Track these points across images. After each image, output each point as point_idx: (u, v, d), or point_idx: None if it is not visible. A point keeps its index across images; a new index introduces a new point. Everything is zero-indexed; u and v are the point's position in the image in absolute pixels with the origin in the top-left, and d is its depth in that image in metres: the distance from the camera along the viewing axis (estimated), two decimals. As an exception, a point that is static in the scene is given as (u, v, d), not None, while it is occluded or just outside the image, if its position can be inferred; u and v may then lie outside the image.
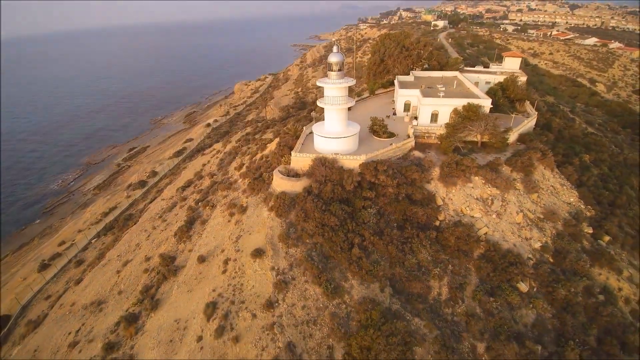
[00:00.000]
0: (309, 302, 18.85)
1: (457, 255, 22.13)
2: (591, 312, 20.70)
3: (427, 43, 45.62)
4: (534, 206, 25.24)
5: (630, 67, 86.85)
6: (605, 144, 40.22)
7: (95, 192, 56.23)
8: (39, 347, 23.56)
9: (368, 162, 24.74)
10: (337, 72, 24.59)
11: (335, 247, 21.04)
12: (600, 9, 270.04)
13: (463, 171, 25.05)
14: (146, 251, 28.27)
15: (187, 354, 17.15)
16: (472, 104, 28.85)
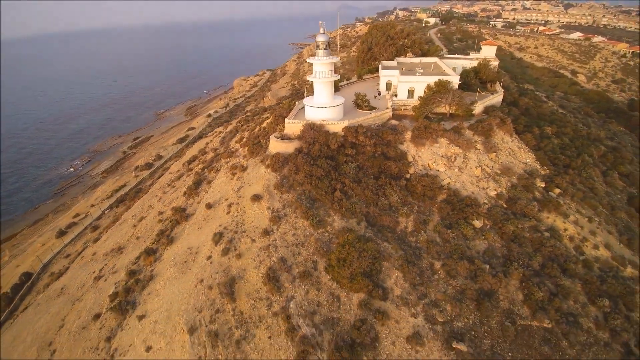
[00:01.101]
0: (298, 231, 23.26)
1: (422, 200, 26.65)
2: (536, 244, 25.11)
3: (410, 33, 50.36)
4: (492, 163, 29.80)
5: (611, 59, 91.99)
6: (570, 121, 44.93)
7: (104, 175, 60.55)
8: (65, 286, 27.82)
9: (350, 126, 29.29)
10: (323, 50, 29.17)
11: (321, 192, 25.49)
12: (594, 8, 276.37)
13: (431, 133, 29.66)
14: (159, 209, 32.66)
15: (199, 268, 21.49)
16: (442, 80, 33.60)
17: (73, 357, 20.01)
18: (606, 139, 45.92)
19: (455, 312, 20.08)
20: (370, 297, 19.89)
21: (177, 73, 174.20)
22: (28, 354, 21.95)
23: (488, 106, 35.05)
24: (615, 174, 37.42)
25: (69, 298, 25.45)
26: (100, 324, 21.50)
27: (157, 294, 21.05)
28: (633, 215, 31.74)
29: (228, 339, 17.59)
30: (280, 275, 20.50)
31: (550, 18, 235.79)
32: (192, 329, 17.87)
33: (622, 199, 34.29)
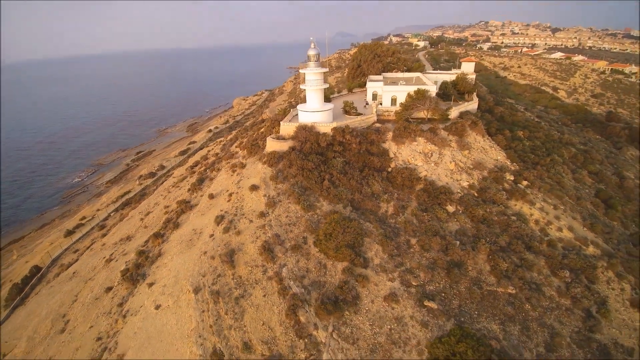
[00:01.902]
0: (291, 213, 26.81)
1: (402, 189, 30.44)
2: (503, 226, 28.56)
3: (396, 51, 56.69)
4: (465, 159, 33.94)
5: (590, 76, 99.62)
6: (543, 127, 49.78)
7: (108, 185, 64.29)
8: (76, 271, 30.69)
9: (338, 127, 33.73)
10: (314, 62, 34.31)
11: (311, 182, 29.31)
12: (580, 32, 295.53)
13: (410, 133, 34.07)
14: (165, 204, 36.18)
15: (203, 244, 24.76)
16: (420, 89, 38.64)
17: (87, 323, 22.68)
18: (579, 144, 50.60)
19: (428, 277, 23.22)
20: (352, 265, 23.09)
21: (179, 94, 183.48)
22: (42, 326, 24.49)
23: (463, 112, 39.84)
24: (584, 172, 41.56)
25: (81, 279, 28.29)
26: (112, 294, 24.35)
27: (165, 266, 24.16)
28: (598, 205, 35.39)
29: (228, 296, 20.63)
30: (274, 247, 23.83)
31: (537, 42, 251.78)
32: (197, 289, 20.94)
33: (590, 192, 38.11)
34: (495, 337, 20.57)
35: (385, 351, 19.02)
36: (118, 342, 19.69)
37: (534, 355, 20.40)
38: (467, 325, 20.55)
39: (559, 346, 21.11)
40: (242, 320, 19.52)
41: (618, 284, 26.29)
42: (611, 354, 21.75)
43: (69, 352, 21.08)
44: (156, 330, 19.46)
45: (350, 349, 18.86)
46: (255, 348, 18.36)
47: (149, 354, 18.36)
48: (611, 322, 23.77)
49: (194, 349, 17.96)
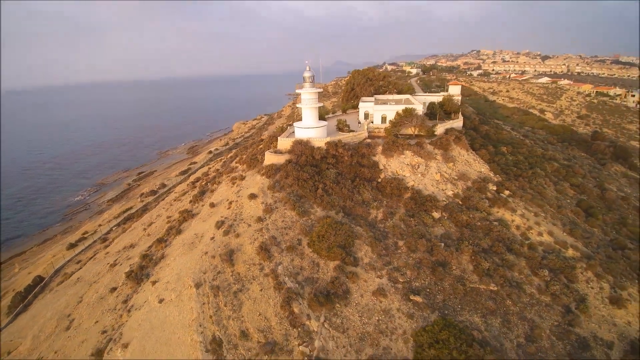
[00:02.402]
0: (287, 218, 29.25)
1: (391, 197, 33.11)
2: (486, 230, 30.90)
3: (387, 75, 62.00)
4: (450, 171, 36.97)
5: (576, 99, 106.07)
6: (527, 144, 53.45)
7: (110, 203, 66.62)
8: (80, 277, 32.33)
9: (331, 142, 37.08)
10: (309, 83, 38.48)
11: (306, 190, 32.05)
12: (569, 59, 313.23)
13: (398, 147, 37.41)
14: (167, 215, 38.48)
15: (204, 245, 26.92)
16: (408, 107, 42.67)
17: (92, 320, 24.17)
18: (562, 160, 54.03)
19: (414, 275, 25.22)
20: (343, 264, 25.18)
21: (179, 119, 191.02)
22: (47, 325, 25.83)
23: (448, 129, 43.52)
24: (566, 184, 44.48)
25: (86, 283, 29.90)
26: (117, 293, 26.02)
27: (168, 266, 26.11)
28: (579, 214, 37.85)
29: (227, 291, 22.56)
30: (270, 248, 26.03)
31: (527, 68, 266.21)
32: (198, 285, 22.89)
33: (572, 202, 40.73)
34: (477, 328, 22.25)
35: (373, 339, 20.68)
36: (123, 333, 21.29)
37: (514, 345, 21.98)
38: (451, 317, 22.31)
39: (539, 337, 22.71)
40: (240, 311, 21.34)
41: (597, 283, 28.17)
42: (590, 346, 23.27)
43: (75, 345, 22.46)
44: (159, 321, 21.19)
45: (341, 337, 20.54)
46: (252, 336, 20.07)
47: (152, 342, 20.00)
48: (590, 317, 25.44)
49: (194, 336, 19.66)
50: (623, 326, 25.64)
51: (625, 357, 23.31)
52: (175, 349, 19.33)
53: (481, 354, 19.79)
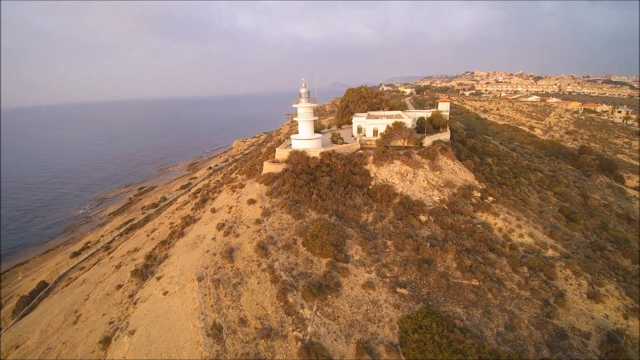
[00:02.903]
0: (283, 221, 31.68)
1: (381, 202, 35.70)
2: (469, 232, 33.25)
3: (379, 93, 66.44)
4: (437, 179, 39.85)
5: (564, 116, 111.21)
6: (512, 156, 56.75)
7: (111, 216, 68.62)
8: (86, 279, 34.08)
9: (325, 152, 40.23)
10: (305, 98, 42.19)
11: (302, 196, 34.69)
12: (562, 79, 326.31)
13: (388, 157, 40.50)
14: (170, 221, 40.70)
15: (206, 245, 29.13)
16: (397, 121, 46.27)
17: (99, 313, 25.86)
18: (547, 171, 57.14)
19: (401, 271, 27.34)
20: (335, 260, 27.36)
21: (179, 137, 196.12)
22: (55, 320, 27.34)
23: (436, 141, 46.92)
24: (549, 192, 47.25)
25: (92, 283, 31.63)
26: (123, 289, 27.81)
27: (172, 264, 28.15)
28: (560, 219, 40.32)
29: (227, 283, 24.62)
30: (268, 246, 28.29)
31: (519, 88, 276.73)
32: (200, 278, 24.97)
33: (554, 209, 43.30)
34: (459, 318, 24.15)
35: (361, 326, 22.57)
36: (129, 322, 23.06)
37: (494, 333, 23.79)
38: (434, 307, 24.27)
39: (518, 327, 24.55)
40: (238, 301, 23.34)
41: (575, 280, 30.18)
42: (568, 336, 25.04)
43: (82, 335, 24.04)
44: (164, 310, 23.08)
45: (332, 324, 22.44)
46: (250, 322, 21.98)
47: (157, 328, 21.82)
48: (568, 310, 27.32)
49: (196, 322, 21.56)
50: (601, 319, 27.45)
51: (602, 346, 25.04)
52: (179, 334, 21.18)
53: (462, 339, 21.66)
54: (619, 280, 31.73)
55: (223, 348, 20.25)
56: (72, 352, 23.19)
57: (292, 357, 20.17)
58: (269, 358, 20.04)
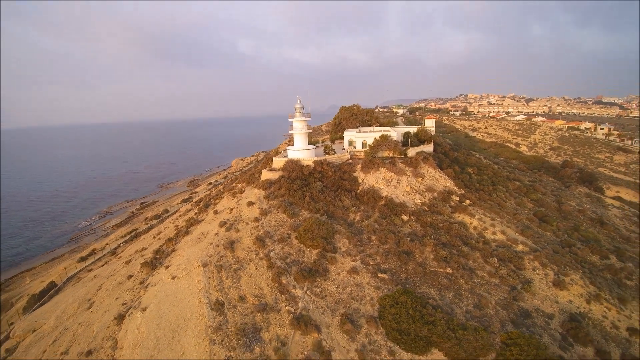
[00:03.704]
0: (279, 219, 35.59)
1: (367, 204, 39.79)
2: (447, 229, 37.13)
3: (370, 111, 72.35)
4: (419, 184, 44.23)
5: (549, 133, 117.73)
6: (493, 167, 61.53)
7: (114, 228, 71.78)
8: (96, 275, 37.17)
9: (318, 161, 44.86)
10: (299, 113, 47.45)
11: (296, 198, 38.83)
12: (553, 100, 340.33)
13: (374, 165, 45.10)
14: (175, 224, 44.30)
15: (209, 239, 32.79)
16: (384, 134, 51.41)
17: (112, 297, 28.94)
18: (526, 181, 61.70)
19: (383, 260, 30.96)
20: (324, 251, 31.03)
21: (179, 156, 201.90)
22: (70, 307, 30.28)
23: (419, 152, 51.80)
24: (525, 199, 51.47)
25: (103, 277, 34.76)
26: (134, 278, 31.04)
27: (179, 255, 31.64)
28: (534, 220, 44.27)
29: (228, 268, 28.16)
30: (265, 239, 32.03)
31: (510, 110, 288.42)
32: (205, 264, 28.52)
33: (529, 213, 47.32)
34: (433, 298, 27.56)
35: (346, 303, 25.97)
36: (141, 302, 26.29)
37: (464, 311, 27.11)
38: (410, 289, 27.73)
39: (485, 306, 27.90)
40: (238, 282, 26.82)
41: (542, 271, 33.73)
42: (532, 316, 28.31)
43: (97, 316, 27.04)
44: (172, 291, 26.45)
45: (319, 301, 25.84)
46: (248, 299, 25.39)
47: (167, 305, 25.13)
48: (534, 295, 30.72)
49: (201, 299, 24.95)
50: (564, 304, 30.79)
51: (564, 324, 28.24)
52: (186, 308, 24.51)
53: (433, 313, 25.05)
54: (585, 272, 35.23)
55: (225, 319, 23.57)
56: (88, 330, 26.24)
57: (284, 326, 23.47)
58: (264, 327, 23.33)
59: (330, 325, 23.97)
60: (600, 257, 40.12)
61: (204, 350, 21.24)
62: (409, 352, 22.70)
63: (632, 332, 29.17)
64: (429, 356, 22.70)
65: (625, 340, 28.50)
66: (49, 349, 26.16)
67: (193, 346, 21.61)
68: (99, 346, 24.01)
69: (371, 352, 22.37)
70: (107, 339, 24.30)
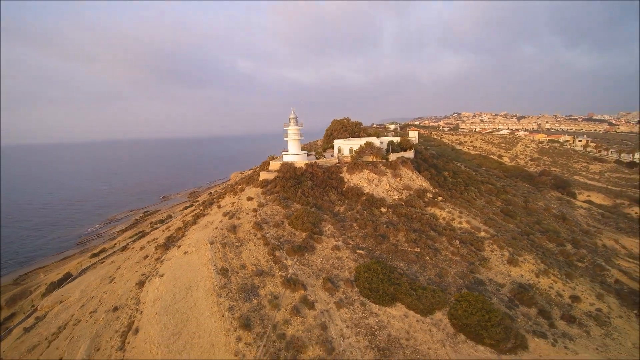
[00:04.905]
0: (274, 210, 41.74)
1: (351, 199, 46.15)
2: (419, 218, 43.29)
3: (358, 123, 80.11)
4: (397, 183, 50.83)
5: (530, 145, 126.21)
6: (468, 172, 68.47)
7: (120, 232, 76.86)
8: (113, 260, 42.54)
9: (309, 163, 51.59)
10: (293, 122, 54.66)
11: (289, 194, 45.15)
12: (543, 118, 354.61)
13: (358, 167, 51.86)
14: (182, 219, 50.09)
15: (215, 225, 38.74)
16: (368, 141, 58.58)
17: (132, 273, 34.32)
18: (499, 185, 68.50)
19: (361, 241, 36.93)
20: (312, 233, 37.02)
21: (180, 171, 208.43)
22: (92, 283, 35.55)
23: (399, 157, 58.82)
24: (495, 198, 58.03)
25: (120, 260, 40.17)
26: (149, 258, 36.60)
27: (189, 237, 37.44)
28: (499, 215, 50.59)
29: (231, 245, 34.02)
30: (262, 225, 38.05)
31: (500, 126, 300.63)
32: (211, 242, 34.38)
33: (496, 209, 53.72)
34: (400, 269, 33.40)
35: (328, 271, 31.76)
36: (158, 271, 31.85)
37: (426, 279, 32.88)
38: (382, 261, 33.58)
39: (445, 275, 33.71)
40: (240, 255, 32.63)
41: (499, 252, 39.71)
42: (485, 284, 34.07)
43: (120, 285, 32.33)
44: (185, 262, 32.13)
45: (306, 269, 31.63)
46: (248, 267, 31.16)
47: (181, 271, 30.74)
48: (490, 269, 36.59)
49: (209, 267, 30.66)
50: (516, 277, 36.61)
51: (512, 290, 33.91)
52: (196, 273, 30.18)
53: (399, 277, 30.87)
54: (538, 254, 41.22)
55: (229, 280, 29.27)
56: (112, 295, 31.63)
57: (277, 286, 29.18)
58: (261, 286, 29.02)
59: (314, 285, 29.70)
60: (557, 244, 46.27)
61: (212, 301, 26.87)
62: (377, 304, 28.36)
63: (574, 299, 34.91)
64: (393, 308, 28.35)
65: (567, 305, 34.18)
66: (77, 312, 31.41)
67: (203, 298, 27.23)
68: (124, 304, 29.44)
69: (347, 304, 28.03)
70: (130, 298, 29.76)
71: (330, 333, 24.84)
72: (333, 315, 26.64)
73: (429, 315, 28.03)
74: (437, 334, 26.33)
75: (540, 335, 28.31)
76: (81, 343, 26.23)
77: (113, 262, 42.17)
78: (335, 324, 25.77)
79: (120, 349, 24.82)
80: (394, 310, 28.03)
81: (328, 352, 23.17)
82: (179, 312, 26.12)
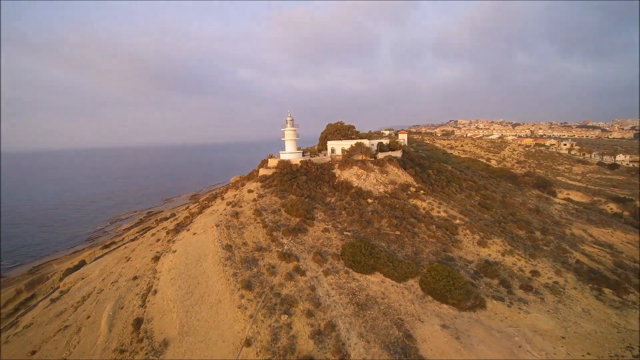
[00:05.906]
0: (272, 200, 47.08)
1: (341, 191, 51.59)
2: (401, 208, 48.66)
3: (351, 127, 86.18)
4: (384, 178, 56.39)
5: (517, 149, 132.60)
6: (454, 172, 74.20)
7: (126, 230, 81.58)
8: (127, 246, 47.47)
9: (304, 160, 57.18)
10: (289, 124, 60.45)
11: (286, 187, 50.57)
12: (538, 125, 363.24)
13: (349, 164, 57.48)
14: (189, 211, 55.28)
15: (219, 212, 44.01)
16: (359, 141, 64.39)
17: (147, 252, 39.34)
18: (480, 183, 74.12)
19: (348, 225, 42.23)
20: (305, 218, 42.32)
21: (181, 175, 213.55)
22: (110, 263, 40.51)
23: (387, 156, 64.55)
24: (474, 194, 63.58)
25: (134, 245, 45.16)
26: (162, 240, 41.68)
27: (196, 223, 42.63)
28: (476, 207, 56.04)
29: (234, 227, 39.22)
30: (261, 211, 43.34)
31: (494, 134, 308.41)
32: (217, 225, 39.60)
33: (474, 203, 59.19)
34: (381, 247, 38.60)
35: (318, 248, 36.95)
36: (171, 248, 36.99)
37: (403, 255, 38.07)
38: (366, 240, 38.81)
39: (420, 253, 38.92)
40: (242, 235, 37.83)
41: (471, 236, 44.98)
42: (455, 260, 39.26)
43: (137, 261, 37.32)
44: (194, 240, 37.26)
45: (299, 246, 36.83)
46: (249, 244, 36.33)
47: (191, 247, 35.86)
48: (461, 249, 41.81)
49: (215, 244, 35.82)
50: (484, 256, 41.80)
51: (478, 265, 39.06)
52: (204, 248, 35.32)
53: (379, 252, 36.07)
54: (506, 238, 46.46)
55: (232, 254, 34.41)
56: (131, 269, 36.61)
57: (274, 258, 34.33)
58: (260, 259, 34.15)
59: (306, 258, 34.88)
60: (527, 232, 51.59)
61: (219, 269, 31.98)
62: (359, 272, 33.51)
63: (534, 274, 40.04)
64: (372, 276, 33.49)
65: (527, 278, 39.28)
66: (99, 284, 36.34)
67: (211, 267, 32.34)
68: (142, 274, 34.44)
69: (333, 272, 33.16)
70: (147, 270, 34.79)
71: (318, 293, 29.94)
72: (321, 280, 31.76)
73: (403, 282, 33.18)
74: (408, 295, 31.46)
75: (498, 299, 33.43)
76: (106, 304, 31.15)
77: (127, 247, 47.15)
78: (322, 287, 30.88)
79: (142, 306, 29.79)
80: (373, 277, 33.18)
81: (315, 306, 28.22)
82: (191, 277, 31.21)
